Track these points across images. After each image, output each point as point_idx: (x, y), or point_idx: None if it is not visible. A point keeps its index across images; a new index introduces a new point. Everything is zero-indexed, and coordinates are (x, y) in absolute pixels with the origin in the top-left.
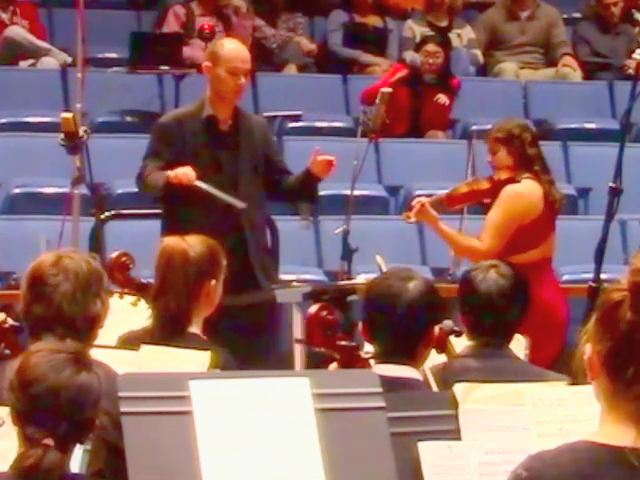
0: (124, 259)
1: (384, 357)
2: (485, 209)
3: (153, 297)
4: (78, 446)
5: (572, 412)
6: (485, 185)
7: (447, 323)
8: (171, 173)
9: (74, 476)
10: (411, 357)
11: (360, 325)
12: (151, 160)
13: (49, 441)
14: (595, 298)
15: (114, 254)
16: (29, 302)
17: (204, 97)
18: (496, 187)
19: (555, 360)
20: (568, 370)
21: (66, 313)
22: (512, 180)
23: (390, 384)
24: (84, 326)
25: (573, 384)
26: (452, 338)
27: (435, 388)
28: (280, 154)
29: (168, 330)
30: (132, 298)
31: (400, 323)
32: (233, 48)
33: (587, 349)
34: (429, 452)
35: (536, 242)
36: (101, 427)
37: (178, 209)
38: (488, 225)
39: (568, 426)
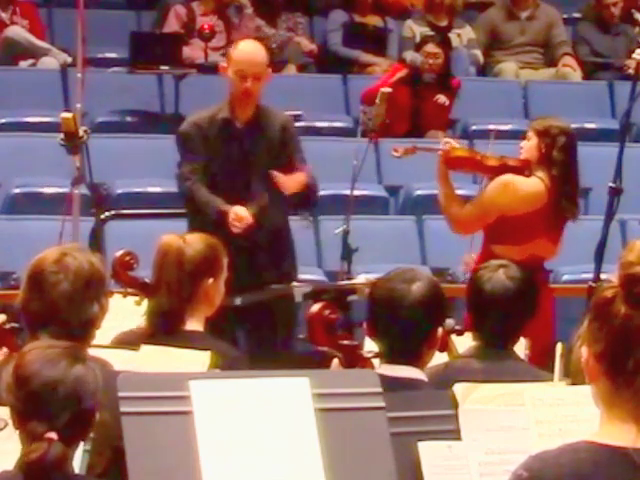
0: (128, 258)
1: (389, 358)
2: None
3: (149, 294)
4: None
5: (572, 412)
6: (491, 162)
7: (448, 322)
8: (230, 213)
9: (76, 477)
10: (415, 358)
11: (365, 325)
12: (187, 167)
13: (52, 435)
14: None
15: (118, 253)
16: (27, 297)
17: (227, 98)
18: (500, 169)
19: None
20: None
21: (62, 313)
22: (520, 170)
23: (394, 384)
24: (79, 327)
25: (573, 384)
26: (453, 337)
27: None
28: (300, 151)
29: (161, 328)
30: (135, 298)
31: (403, 326)
32: (244, 50)
33: (583, 352)
34: (429, 452)
35: (518, 239)
36: (103, 425)
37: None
38: (474, 201)
39: (568, 426)
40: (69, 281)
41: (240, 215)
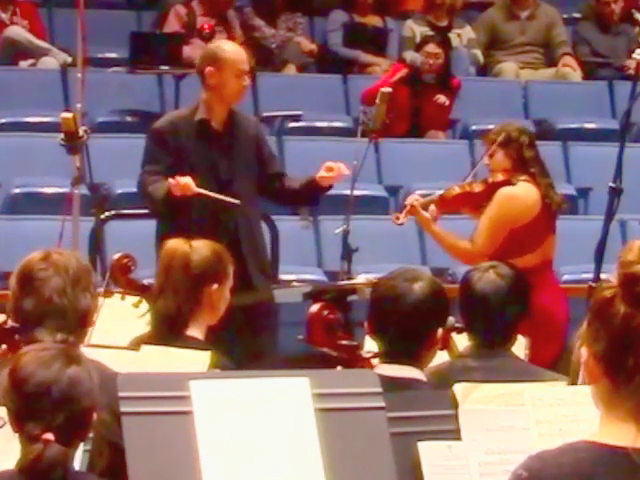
0: (126, 261)
1: (388, 357)
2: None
3: (153, 297)
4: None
5: (572, 412)
6: (479, 188)
7: (449, 320)
8: (171, 183)
9: (78, 474)
10: (414, 358)
11: (366, 324)
12: (150, 167)
13: (49, 435)
14: None
15: (116, 255)
16: (19, 298)
17: (198, 100)
18: (491, 190)
19: (554, 362)
20: (567, 371)
21: (57, 306)
22: (507, 182)
23: (393, 384)
24: (75, 320)
25: (573, 385)
26: (454, 335)
27: None
28: (274, 154)
29: (165, 331)
30: (134, 299)
31: (403, 324)
32: (235, 51)
33: (583, 353)
34: (429, 452)
35: (532, 246)
36: (103, 425)
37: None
38: (481, 227)
39: (568, 426)
40: (60, 275)
41: (184, 181)
